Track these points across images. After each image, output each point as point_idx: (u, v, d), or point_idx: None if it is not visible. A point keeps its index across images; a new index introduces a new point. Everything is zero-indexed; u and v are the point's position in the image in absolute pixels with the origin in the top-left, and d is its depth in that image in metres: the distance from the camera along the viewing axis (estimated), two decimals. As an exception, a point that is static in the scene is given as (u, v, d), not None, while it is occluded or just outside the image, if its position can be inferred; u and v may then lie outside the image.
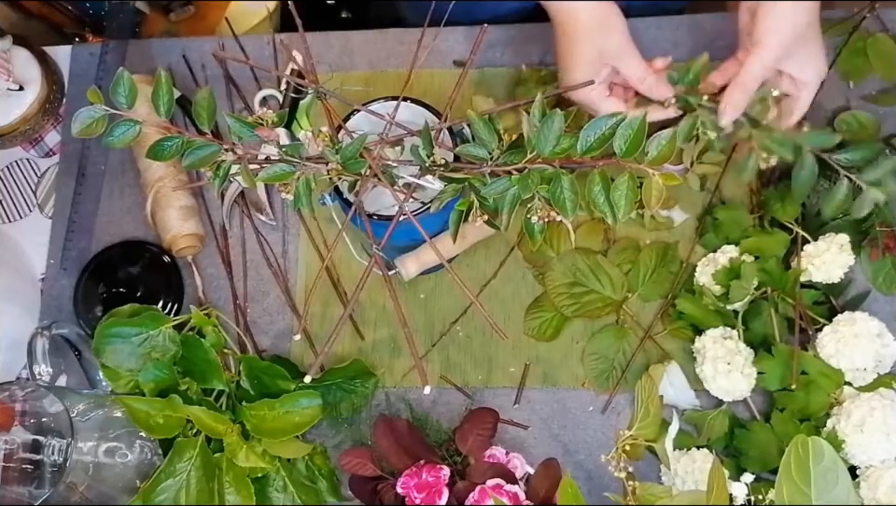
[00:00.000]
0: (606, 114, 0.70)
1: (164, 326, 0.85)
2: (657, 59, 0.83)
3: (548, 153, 0.71)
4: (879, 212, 0.85)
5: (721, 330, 0.84)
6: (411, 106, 0.84)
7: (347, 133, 0.78)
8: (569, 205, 0.72)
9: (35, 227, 1.01)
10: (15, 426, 0.78)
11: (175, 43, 1.06)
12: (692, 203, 0.93)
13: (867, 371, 0.82)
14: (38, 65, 1.03)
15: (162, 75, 0.77)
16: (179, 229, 0.94)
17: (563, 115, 0.70)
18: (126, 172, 1.01)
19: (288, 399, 0.83)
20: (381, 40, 1.03)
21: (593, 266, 0.90)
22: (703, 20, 0.99)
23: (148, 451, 0.85)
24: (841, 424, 0.78)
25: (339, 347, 0.92)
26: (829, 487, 0.54)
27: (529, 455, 0.84)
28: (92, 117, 0.75)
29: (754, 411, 0.85)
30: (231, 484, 0.82)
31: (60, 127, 1.05)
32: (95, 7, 1.30)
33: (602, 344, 0.89)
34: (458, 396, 0.90)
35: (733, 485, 0.72)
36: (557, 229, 0.91)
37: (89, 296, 0.95)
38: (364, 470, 0.83)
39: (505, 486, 0.77)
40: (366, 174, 0.76)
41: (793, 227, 0.87)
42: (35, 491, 0.77)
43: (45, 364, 0.86)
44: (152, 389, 0.84)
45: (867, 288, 0.88)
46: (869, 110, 0.93)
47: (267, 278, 0.96)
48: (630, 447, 0.82)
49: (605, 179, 0.70)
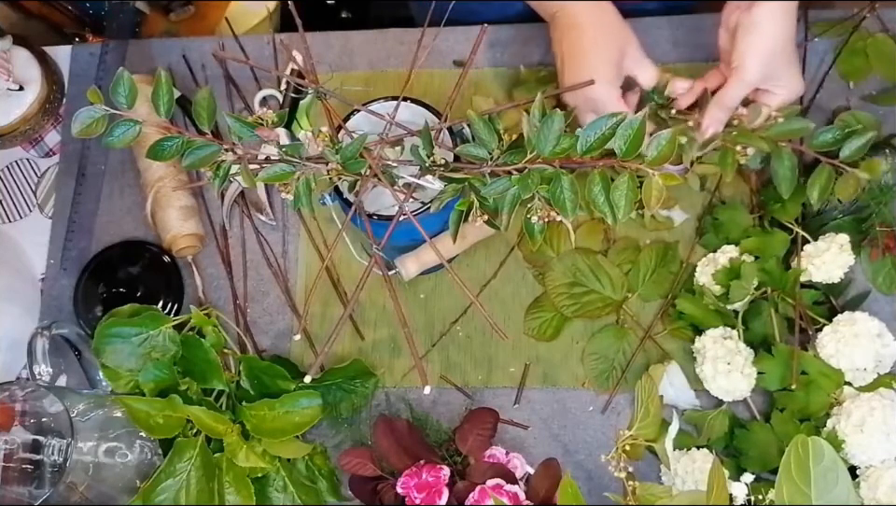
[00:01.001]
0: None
1: (164, 326, 0.85)
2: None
3: (548, 153, 0.71)
4: (879, 212, 0.85)
5: (721, 330, 0.84)
6: (411, 106, 0.84)
7: (347, 133, 0.78)
8: (569, 205, 0.72)
9: (35, 227, 1.01)
10: (15, 426, 0.78)
11: (175, 43, 1.06)
12: (692, 203, 0.93)
13: (867, 371, 0.82)
14: (38, 65, 1.03)
15: (162, 75, 0.77)
16: (179, 229, 0.94)
17: (563, 115, 0.70)
18: (126, 172, 1.01)
19: (288, 399, 0.83)
20: (381, 40, 1.03)
21: (593, 266, 0.90)
22: (703, 19, 0.99)
23: (148, 451, 0.85)
24: (841, 424, 0.78)
25: (339, 347, 0.92)
26: (829, 487, 0.54)
27: (529, 455, 0.84)
28: (92, 117, 0.75)
29: (754, 411, 0.85)
30: (231, 484, 0.82)
31: (60, 127, 1.05)
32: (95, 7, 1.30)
33: (602, 344, 0.89)
34: (458, 396, 0.90)
35: (733, 485, 0.72)
36: (557, 229, 0.91)
37: (89, 296, 0.95)
38: (364, 470, 0.83)
39: (505, 486, 0.77)
40: (366, 174, 0.76)
41: (793, 227, 0.87)
42: (35, 491, 0.77)
43: (45, 364, 0.86)
44: (152, 389, 0.84)
45: (867, 288, 0.88)
46: (869, 110, 0.93)
47: (267, 278, 0.96)
48: (630, 447, 0.82)
49: (605, 179, 0.70)
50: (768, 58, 0.78)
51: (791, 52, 0.79)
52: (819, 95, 0.95)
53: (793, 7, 0.78)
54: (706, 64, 0.97)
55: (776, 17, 0.77)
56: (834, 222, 0.87)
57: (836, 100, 0.95)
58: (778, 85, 0.80)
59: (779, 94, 0.80)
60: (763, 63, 0.78)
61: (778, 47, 0.78)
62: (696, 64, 0.97)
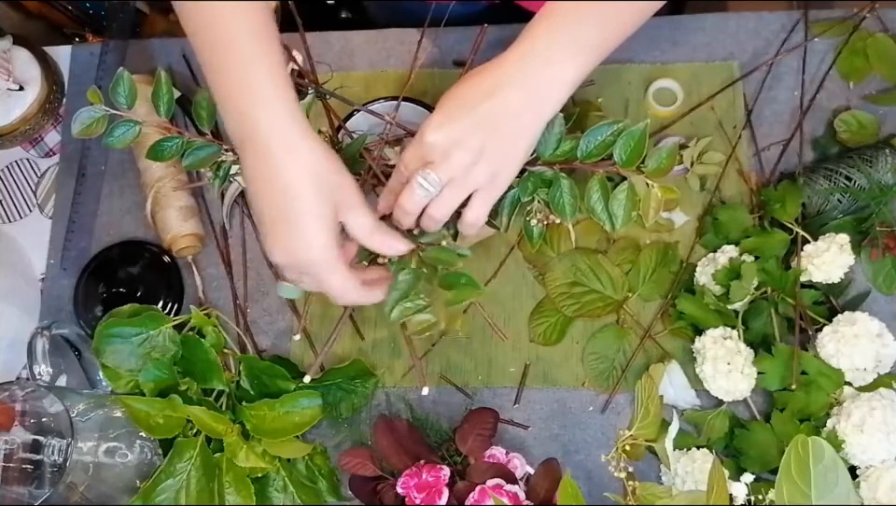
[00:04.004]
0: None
1: (164, 326, 0.85)
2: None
3: (548, 156, 0.72)
4: (879, 212, 0.85)
5: (721, 330, 0.84)
6: (411, 106, 0.84)
7: (347, 133, 0.79)
8: (568, 209, 0.72)
9: (35, 227, 1.01)
10: (15, 426, 0.78)
11: (175, 43, 1.06)
12: (692, 203, 0.93)
13: (867, 371, 0.82)
14: (38, 65, 1.03)
15: (162, 75, 0.77)
16: (179, 229, 0.94)
17: (563, 117, 0.70)
18: (126, 172, 1.01)
19: (288, 399, 0.83)
20: (381, 40, 1.03)
21: (593, 266, 0.90)
22: (703, 19, 1.00)
23: (148, 451, 0.85)
24: (841, 424, 0.78)
25: (339, 347, 0.92)
26: (829, 487, 0.54)
27: (529, 455, 0.84)
28: (92, 117, 0.75)
29: (754, 411, 0.85)
30: (231, 484, 0.82)
31: (60, 127, 1.05)
32: (95, 7, 1.31)
33: (602, 344, 0.89)
34: (458, 396, 0.90)
35: (733, 485, 0.72)
36: (557, 229, 0.91)
37: (89, 296, 0.95)
38: (364, 470, 0.83)
39: (505, 486, 0.77)
40: (366, 174, 0.76)
41: (793, 227, 0.87)
42: (35, 491, 0.77)
43: (45, 364, 0.85)
44: (152, 389, 0.84)
45: (867, 288, 0.88)
46: (869, 110, 0.93)
47: (267, 278, 0.96)
48: (630, 447, 0.82)
49: (604, 187, 0.71)
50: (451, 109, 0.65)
51: (498, 114, 0.64)
52: (819, 95, 0.95)
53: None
54: (705, 64, 0.97)
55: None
56: (834, 222, 0.87)
57: (836, 100, 0.95)
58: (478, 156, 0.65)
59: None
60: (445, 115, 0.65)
61: (468, 99, 0.65)
62: (696, 64, 0.97)
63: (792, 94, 0.95)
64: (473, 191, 0.67)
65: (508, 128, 0.64)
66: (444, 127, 0.64)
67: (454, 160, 0.64)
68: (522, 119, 0.64)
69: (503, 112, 0.64)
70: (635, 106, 0.97)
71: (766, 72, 0.96)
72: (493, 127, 0.64)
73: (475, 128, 0.64)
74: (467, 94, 0.65)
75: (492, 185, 0.67)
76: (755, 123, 0.95)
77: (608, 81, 0.97)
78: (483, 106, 0.64)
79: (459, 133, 0.64)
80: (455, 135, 0.64)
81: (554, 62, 0.64)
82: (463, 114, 0.64)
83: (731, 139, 0.94)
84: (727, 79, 0.96)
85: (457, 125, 0.64)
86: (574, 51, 0.64)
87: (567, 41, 0.64)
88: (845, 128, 0.92)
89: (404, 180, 0.68)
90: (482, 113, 0.64)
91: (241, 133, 0.65)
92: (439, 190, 0.65)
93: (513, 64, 0.64)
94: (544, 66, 0.64)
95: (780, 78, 0.96)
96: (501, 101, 0.64)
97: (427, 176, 0.65)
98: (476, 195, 0.67)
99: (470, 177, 0.65)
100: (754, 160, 0.94)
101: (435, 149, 0.64)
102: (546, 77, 0.64)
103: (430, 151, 0.65)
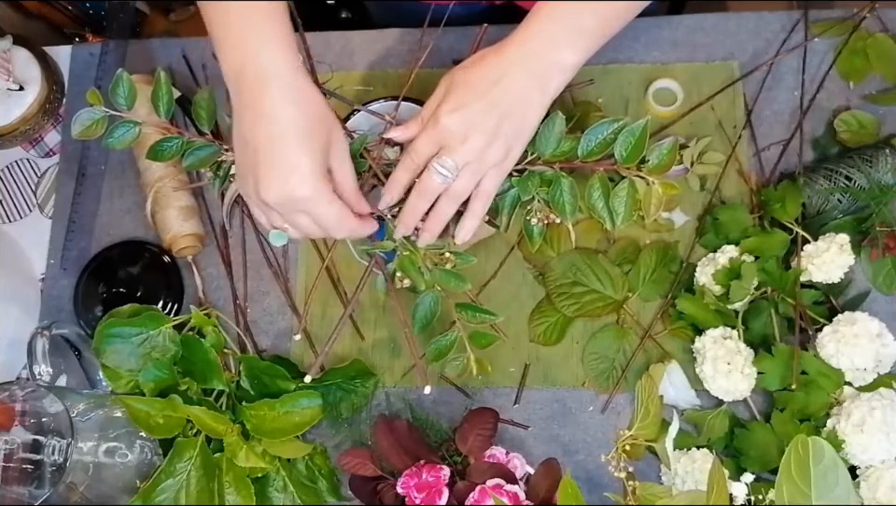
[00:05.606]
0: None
1: (164, 326, 0.85)
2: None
3: (548, 155, 0.72)
4: (879, 212, 0.85)
5: (721, 330, 0.84)
6: (411, 106, 0.84)
7: (347, 133, 0.78)
8: (568, 208, 0.72)
9: (35, 227, 1.01)
10: (15, 426, 0.78)
11: (175, 43, 1.06)
12: (692, 203, 0.93)
13: (867, 371, 0.82)
14: (38, 65, 1.03)
15: (162, 75, 0.77)
16: (179, 229, 0.94)
17: (563, 117, 0.70)
18: (126, 172, 1.01)
19: (288, 399, 0.83)
20: (381, 40, 1.03)
21: (593, 266, 0.90)
22: (703, 19, 1.00)
23: (148, 451, 0.85)
24: (841, 424, 0.78)
25: (339, 347, 0.92)
26: (829, 487, 0.54)
27: (529, 455, 0.84)
28: (92, 118, 0.75)
29: (754, 411, 0.85)
30: (231, 484, 0.82)
31: (60, 127, 1.05)
32: (95, 7, 1.31)
33: (602, 344, 0.89)
34: (458, 396, 0.90)
35: (733, 485, 0.72)
36: (557, 228, 0.91)
37: (89, 296, 0.95)
38: (364, 470, 0.83)
39: (505, 486, 0.77)
40: (366, 174, 0.76)
41: (793, 227, 0.87)
42: (35, 491, 0.77)
43: (45, 364, 0.85)
44: (152, 389, 0.84)
45: (867, 288, 0.88)
46: (869, 110, 0.93)
47: (267, 278, 0.96)
48: (630, 447, 0.82)
49: (605, 185, 0.71)
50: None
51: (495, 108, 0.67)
52: (819, 95, 0.95)
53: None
54: (705, 64, 0.97)
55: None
56: (834, 222, 0.87)
57: (836, 100, 0.95)
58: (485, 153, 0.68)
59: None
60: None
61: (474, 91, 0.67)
62: (696, 64, 0.97)
63: (792, 94, 0.95)
64: (472, 192, 0.70)
65: (518, 107, 0.67)
66: (460, 111, 0.67)
67: (470, 142, 0.67)
68: (530, 98, 0.67)
69: (512, 95, 0.67)
70: (635, 106, 0.97)
71: (766, 72, 0.96)
72: (504, 109, 0.67)
73: (490, 110, 0.66)
74: (474, 82, 0.67)
75: (506, 161, 0.70)
76: (755, 123, 0.95)
77: (608, 81, 0.97)
78: (492, 92, 0.66)
79: (476, 116, 0.66)
80: (472, 118, 0.66)
81: (555, 47, 0.67)
82: (475, 99, 0.67)
83: (731, 139, 0.94)
84: (727, 79, 0.96)
85: (472, 108, 0.66)
86: (574, 37, 0.67)
87: (566, 27, 0.67)
88: (845, 128, 0.92)
89: (414, 168, 0.70)
90: (492, 97, 0.66)
91: (239, 65, 0.65)
92: (455, 176, 0.68)
93: (515, 52, 0.67)
94: (545, 52, 0.67)
95: (780, 78, 0.96)
96: (509, 85, 0.67)
97: (445, 163, 0.67)
98: (486, 177, 0.70)
99: (485, 159, 0.68)
100: (754, 160, 0.94)
101: (453, 133, 0.67)
102: (548, 60, 0.67)
103: (448, 136, 0.67)
